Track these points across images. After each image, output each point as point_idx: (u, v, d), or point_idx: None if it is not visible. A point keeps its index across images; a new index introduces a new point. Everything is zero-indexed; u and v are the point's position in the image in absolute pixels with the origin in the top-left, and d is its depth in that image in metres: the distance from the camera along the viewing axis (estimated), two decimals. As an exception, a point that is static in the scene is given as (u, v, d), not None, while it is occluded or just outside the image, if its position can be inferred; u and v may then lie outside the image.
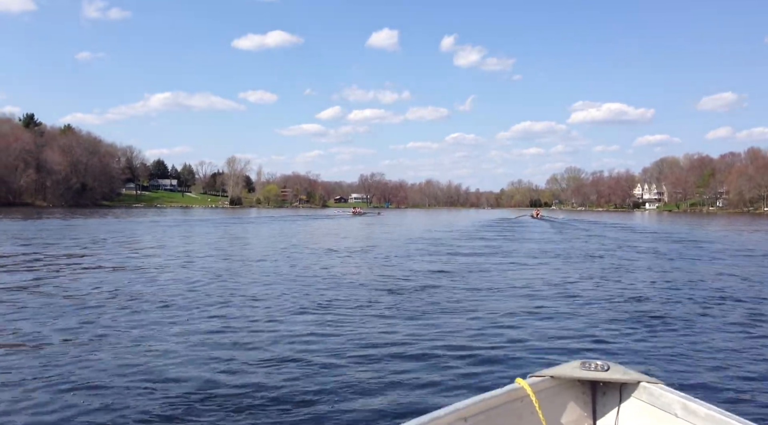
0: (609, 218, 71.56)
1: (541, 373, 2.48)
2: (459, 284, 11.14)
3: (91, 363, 5.53)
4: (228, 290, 10.21)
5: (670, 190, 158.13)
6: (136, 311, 8.18)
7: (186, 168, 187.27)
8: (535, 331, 7.14)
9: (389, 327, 7.30)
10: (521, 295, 10.00)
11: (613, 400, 2.50)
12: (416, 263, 15.20)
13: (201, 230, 33.57)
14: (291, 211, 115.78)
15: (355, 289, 10.49)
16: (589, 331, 7.18)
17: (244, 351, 6.07)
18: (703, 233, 34.73)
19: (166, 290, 10.03)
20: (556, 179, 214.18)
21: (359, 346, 6.28)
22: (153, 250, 18.64)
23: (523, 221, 59.01)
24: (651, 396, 2.33)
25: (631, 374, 2.40)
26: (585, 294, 10.16)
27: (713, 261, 16.62)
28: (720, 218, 76.39)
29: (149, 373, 5.22)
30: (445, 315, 8.07)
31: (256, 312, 8.16)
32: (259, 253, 18.04)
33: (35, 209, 78.23)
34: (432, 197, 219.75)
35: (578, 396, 2.54)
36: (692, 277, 12.80)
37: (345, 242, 24.41)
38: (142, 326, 7.19)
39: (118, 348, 6.10)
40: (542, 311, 8.54)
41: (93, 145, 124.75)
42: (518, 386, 2.34)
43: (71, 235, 26.05)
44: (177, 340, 6.49)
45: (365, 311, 8.40)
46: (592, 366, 2.43)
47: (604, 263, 15.91)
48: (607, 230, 36.97)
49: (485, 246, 21.82)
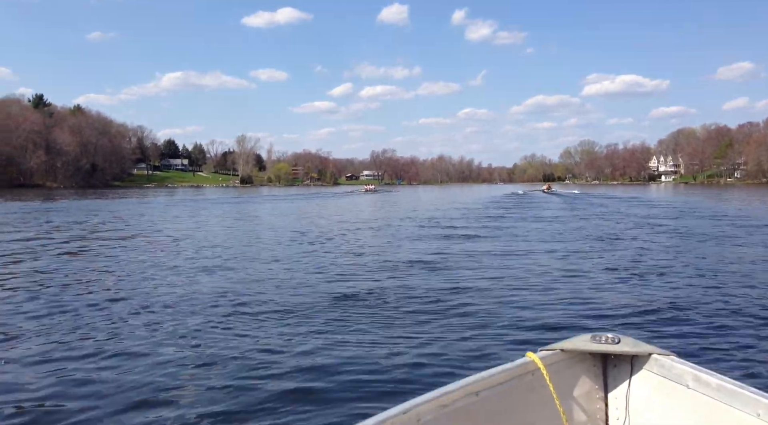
0: (624, 192, 70.26)
1: (552, 347, 2.45)
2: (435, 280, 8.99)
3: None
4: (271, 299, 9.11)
5: (686, 162, 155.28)
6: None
7: (197, 147, 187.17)
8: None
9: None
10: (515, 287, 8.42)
11: (624, 373, 2.48)
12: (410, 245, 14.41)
13: (214, 212, 33.15)
14: (302, 189, 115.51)
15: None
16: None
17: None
18: (731, 208, 33.54)
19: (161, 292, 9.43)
20: (569, 153, 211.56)
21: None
22: (162, 246, 18.13)
23: (534, 195, 57.85)
24: (662, 368, 2.31)
25: (642, 346, 2.38)
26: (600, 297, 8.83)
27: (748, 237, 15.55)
28: (739, 190, 74.70)
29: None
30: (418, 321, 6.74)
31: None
32: (266, 246, 17.38)
33: (46, 191, 78.45)
34: (444, 173, 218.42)
35: (589, 369, 2.52)
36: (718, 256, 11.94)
37: (352, 230, 23.74)
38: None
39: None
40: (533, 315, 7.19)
41: (103, 125, 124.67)
42: (529, 359, 2.31)
43: (96, 219, 25.69)
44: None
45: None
46: (603, 339, 2.40)
47: (620, 248, 13.36)
48: (623, 205, 35.87)
49: (484, 227, 20.98)
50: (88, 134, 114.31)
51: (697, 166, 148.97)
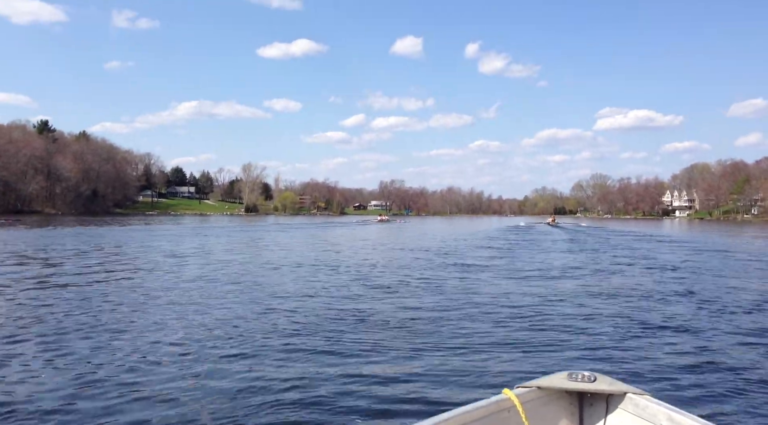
0: (636, 227, 67.05)
1: (528, 384, 2.45)
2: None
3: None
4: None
5: (701, 197, 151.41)
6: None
7: (204, 175, 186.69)
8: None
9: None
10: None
11: (599, 411, 2.47)
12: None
13: (205, 241, 30.35)
14: (306, 218, 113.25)
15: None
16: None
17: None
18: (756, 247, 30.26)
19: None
20: (581, 186, 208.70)
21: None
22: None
23: (537, 229, 57.15)
24: (637, 407, 2.33)
25: (618, 385, 2.40)
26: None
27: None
28: (758, 227, 70.98)
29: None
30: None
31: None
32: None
33: (42, 217, 76.30)
34: (453, 204, 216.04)
35: (565, 407, 2.50)
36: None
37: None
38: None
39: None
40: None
41: (108, 151, 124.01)
42: (505, 396, 2.31)
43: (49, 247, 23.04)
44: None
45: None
46: (579, 377, 2.40)
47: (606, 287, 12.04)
48: (635, 243, 32.63)
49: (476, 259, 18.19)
50: (90, 160, 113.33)
51: (713, 201, 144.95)
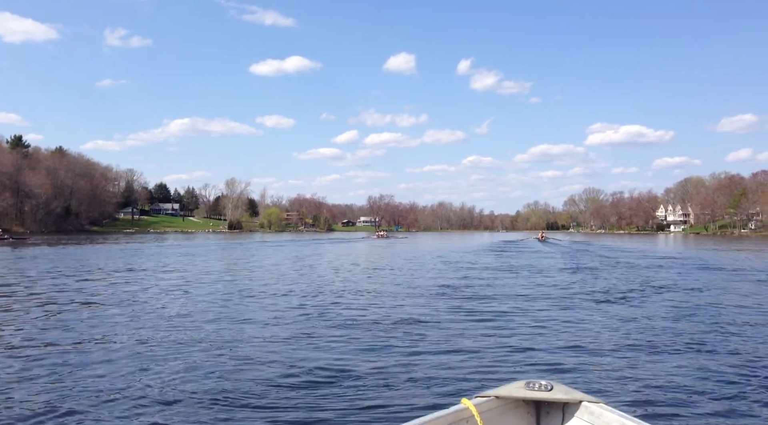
0: (630, 243, 63.36)
1: (486, 393, 2.46)
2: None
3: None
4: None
5: (696, 211, 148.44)
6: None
7: (189, 192, 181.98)
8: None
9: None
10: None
11: (556, 420, 2.48)
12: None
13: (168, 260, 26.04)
14: (294, 235, 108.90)
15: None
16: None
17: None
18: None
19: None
20: (574, 201, 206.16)
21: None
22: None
23: (524, 244, 54.96)
24: (592, 415, 2.35)
25: (574, 393, 2.41)
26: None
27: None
28: (756, 243, 67.44)
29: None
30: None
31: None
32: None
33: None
34: (444, 220, 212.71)
35: (523, 416, 2.51)
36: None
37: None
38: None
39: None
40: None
41: (84, 167, 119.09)
42: (463, 406, 2.32)
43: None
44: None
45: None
46: (536, 386, 2.42)
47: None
48: (633, 258, 28.64)
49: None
50: (63, 176, 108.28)
51: (708, 216, 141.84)
